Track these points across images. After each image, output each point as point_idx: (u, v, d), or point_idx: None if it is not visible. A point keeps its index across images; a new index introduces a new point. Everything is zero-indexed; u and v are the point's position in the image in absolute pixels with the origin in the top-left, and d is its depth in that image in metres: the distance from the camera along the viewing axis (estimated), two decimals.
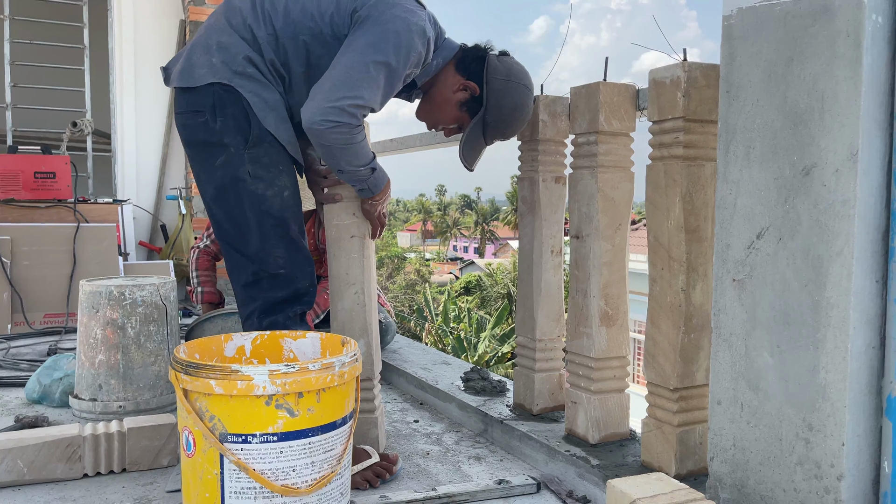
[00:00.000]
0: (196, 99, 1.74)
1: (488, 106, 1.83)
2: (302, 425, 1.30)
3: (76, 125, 4.28)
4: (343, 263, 1.87)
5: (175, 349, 1.41)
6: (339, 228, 1.87)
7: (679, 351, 1.54)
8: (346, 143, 1.65)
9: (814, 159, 1.14)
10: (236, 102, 1.72)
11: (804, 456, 1.17)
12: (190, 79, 1.75)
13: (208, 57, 1.74)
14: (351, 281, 1.87)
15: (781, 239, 1.19)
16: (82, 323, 2.23)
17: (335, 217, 1.87)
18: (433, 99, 1.90)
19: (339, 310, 1.88)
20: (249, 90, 1.72)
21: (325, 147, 1.66)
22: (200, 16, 4.65)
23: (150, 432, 1.80)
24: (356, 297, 1.87)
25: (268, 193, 1.74)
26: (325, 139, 1.64)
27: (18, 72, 4.75)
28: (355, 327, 1.87)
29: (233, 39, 1.74)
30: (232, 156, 1.73)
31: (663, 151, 1.56)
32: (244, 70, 1.73)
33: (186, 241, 4.55)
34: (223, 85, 1.72)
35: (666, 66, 1.55)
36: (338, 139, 1.64)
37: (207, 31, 1.80)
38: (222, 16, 1.80)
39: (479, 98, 1.84)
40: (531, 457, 1.85)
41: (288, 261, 1.77)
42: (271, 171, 1.75)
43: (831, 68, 1.11)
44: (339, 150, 1.66)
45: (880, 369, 1.13)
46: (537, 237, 2.02)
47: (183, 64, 1.79)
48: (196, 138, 1.78)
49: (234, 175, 1.73)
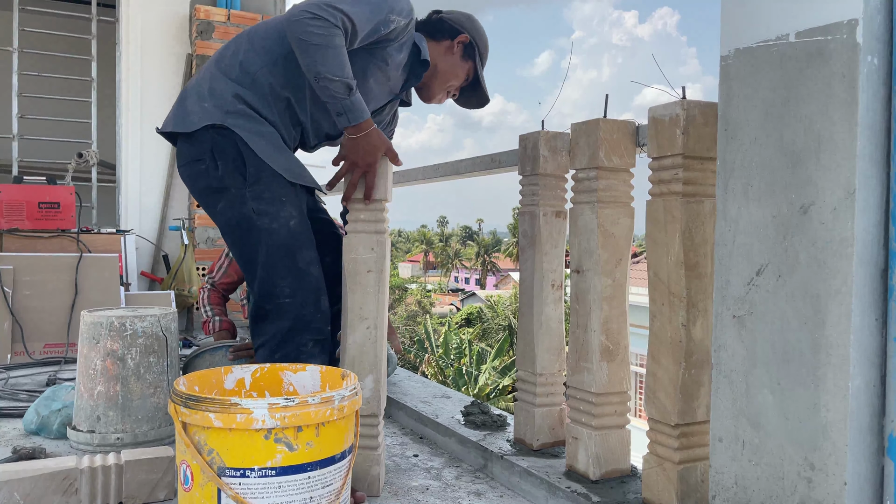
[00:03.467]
0: (196, 147, 1.83)
1: (477, 42, 2.12)
2: (300, 460, 1.29)
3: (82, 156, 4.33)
4: (358, 298, 1.85)
5: (175, 381, 1.41)
6: (357, 262, 1.85)
7: (679, 387, 1.54)
8: (322, 42, 1.67)
9: (811, 198, 1.15)
10: (231, 143, 1.80)
11: (806, 496, 1.16)
12: (186, 124, 1.83)
13: (201, 103, 1.84)
14: (364, 315, 1.85)
15: (781, 276, 1.20)
16: (82, 353, 2.23)
17: (353, 251, 1.85)
18: (445, 72, 2.12)
19: (349, 344, 1.86)
20: (242, 126, 1.80)
21: (303, 43, 1.68)
22: (207, 50, 4.73)
23: (148, 465, 1.79)
24: (368, 332, 1.85)
25: (274, 226, 1.79)
26: (302, 32, 1.67)
27: (26, 103, 4.81)
28: (365, 362, 1.86)
29: (222, 83, 1.84)
30: (234, 197, 1.79)
31: (663, 188, 1.57)
32: (235, 108, 1.82)
33: (188, 271, 4.56)
34: (217, 127, 1.80)
35: (665, 104, 1.57)
36: (314, 33, 1.67)
37: (199, 79, 1.91)
38: (213, 63, 1.93)
39: (471, 42, 2.12)
40: (532, 493, 1.83)
41: (295, 289, 1.80)
42: (274, 204, 1.79)
43: (827, 109, 1.13)
44: (316, 49, 1.68)
45: (881, 408, 1.12)
46: (538, 271, 2.02)
47: (177, 110, 1.87)
48: (200, 186, 1.86)
49: (240, 214, 1.80)
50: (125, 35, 4.85)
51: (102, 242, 4.04)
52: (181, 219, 4.83)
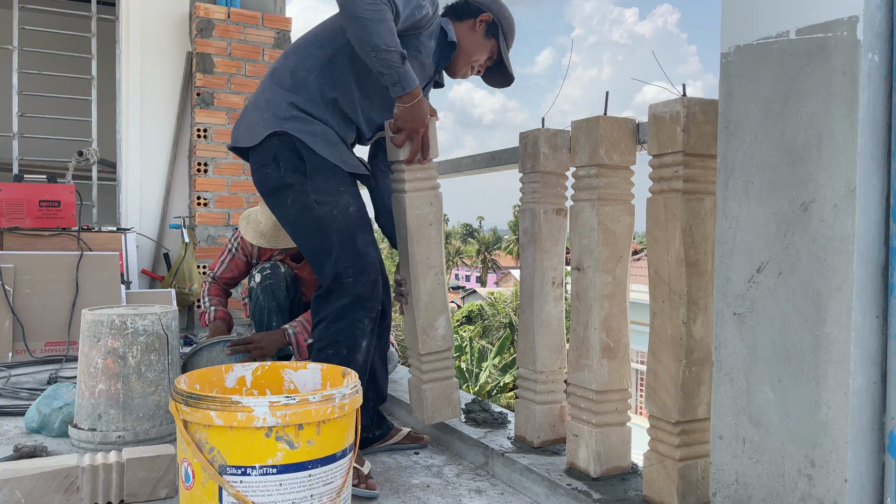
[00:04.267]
0: (261, 155, 2.02)
1: (501, 22, 2.18)
2: (301, 458, 1.29)
3: (82, 154, 4.33)
4: (424, 249, 2.08)
5: (176, 380, 1.41)
6: (419, 218, 2.07)
7: (680, 384, 1.54)
8: (375, 17, 1.82)
9: (812, 195, 1.15)
10: (290, 145, 1.98)
11: (807, 493, 1.16)
12: (250, 137, 2.03)
13: (261, 115, 2.03)
14: (432, 264, 2.10)
15: (781, 274, 1.20)
16: (83, 352, 2.23)
17: (415, 207, 2.06)
18: (468, 49, 2.19)
19: (421, 291, 2.09)
20: (297, 129, 1.98)
21: (358, 19, 1.82)
22: (207, 48, 4.72)
23: (149, 463, 1.79)
24: (436, 278, 2.11)
25: (334, 212, 1.95)
26: (356, 9, 1.82)
27: (26, 101, 4.81)
28: (437, 305, 2.11)
29: (276, 94, 2.03)
30: (297, 192, 1.97)
31: (663, 185, 1.57)
32: (290, 114, 2.00)
33: (189, 269, 4.56)
34: (277, 134, 1.99)
35: (665, 101, 1.56)
36: (368, 9, 1.81)
37: (257, 94, 2.11)
38: (267, 77, 2.12)
39: (494, 22, 2.18)
40: (532, 490, 1.84)
41: (356, 270, 1.94)
42: (333, 194, 1.97)
43: (828, 106, 1.12)
44: (370, 23, 1.82)
45: (882, 405, 1.12)
46: (538, 269, 2.02)
47: (241, 126, 2.09)
48: (267, 188, 2.04)
49: (304, 207, 1.97)
50: (125, 33, 4.84)
51: (103, 241, 4.04)
52: (182, 217, 4.83)
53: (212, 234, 4.80)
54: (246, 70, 4.85)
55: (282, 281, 2.80)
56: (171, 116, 4.91)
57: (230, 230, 4.83)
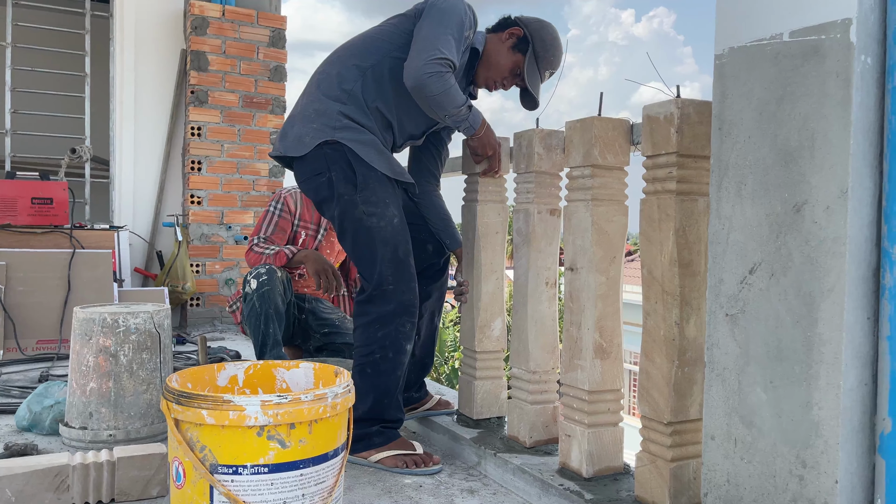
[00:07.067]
0: (312, 164, 2.10)
1: (533, 40, 2.21)
2: (293, 457, 1.29)
3: (75, 152, 4.31)
4: (489, 255, 2.26)
5: (167, 378, 1.41)
6: (488, 226, 2.26)
7: (673, 385, 1.54)
8: (443, 89, 1.98)
9: (805, 196, 1.15)
10: (342, 154, 2.06)
11: (798, 493, 1.16)
12: (299, 147, 2.10)
13: (310, 125, 2.10)
14: (494, 269, 2.27)
15: (774, 275, 1.20)
16: (75, 350, 2.22)
17: (484, 216, 2.25)
18: (490, 59, 2.24)
19: (483, 293, 2.27)
20: (349, 138, 2.06)
21: (431, 97, 1.99)
22: (202, 45, 4.71)
23: (140, 462, 1.78)
24: (497, 282, 2.28)
25: (381, 224, 2.05)
26: (428, 90, 1.98)
27: (19, 98, 4.78)
28: (496, 307, 2.29)
29: (326, 104, 2.11)
30: (347, 202, 2.06)
31: (657, 186, 1.57)
32: (341, 123, 2.08)
33: (182, 267, 4.54)
34: (329, 143, 2.06)
35: (659, 102, 1.57)
36: (438, 86, 1.97)
37: (304, 104, 2.16)
38: (314, 87, 2.17)
39: (525, 38, 2.21)
40: (525, 490, 1.84)
41: (396, 279, 2.04)
42: (380, 206, 2.06)
43: (822, 108, 1.13)
44: (441, 97, 1.99)
45: (873, 406, 1.13)
46: (532, 268, 2.02)
47: (287, 135, 2.15)
48: (322, 196, 2.12)
49: (352, 217, 2.06)
50: (119, 30, 4.82)
51: (96, 238, 4.02)
52: (175, 215, 4.81)
53: (205, 232, 4.78)
54: (240, 68, 4.84)
55: (279, 285, 2.78)
56: (165, 114, 4.90)
57: (224, 229, 4.82)
